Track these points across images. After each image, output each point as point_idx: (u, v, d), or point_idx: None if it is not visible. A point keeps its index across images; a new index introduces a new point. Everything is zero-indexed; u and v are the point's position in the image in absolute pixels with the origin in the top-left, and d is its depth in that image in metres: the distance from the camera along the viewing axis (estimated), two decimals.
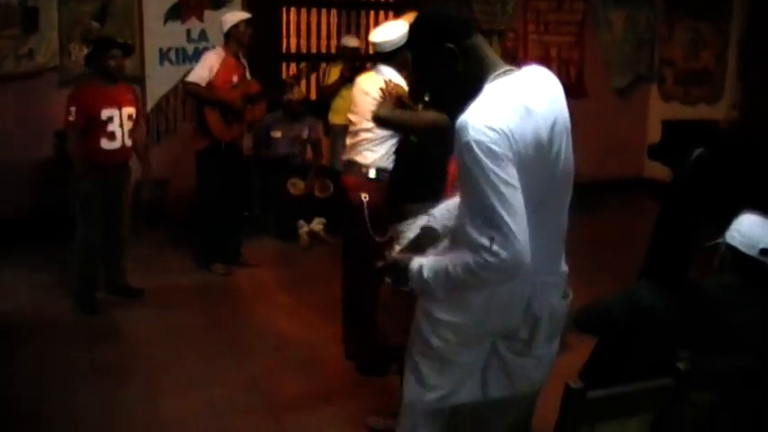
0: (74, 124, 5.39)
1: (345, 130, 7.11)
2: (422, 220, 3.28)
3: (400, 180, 3.72)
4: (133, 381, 4.58)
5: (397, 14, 8.34)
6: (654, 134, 8.86)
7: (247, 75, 6.43)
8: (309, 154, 7.57)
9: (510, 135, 2.23)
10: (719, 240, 3.23)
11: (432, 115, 3.57)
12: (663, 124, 7.60)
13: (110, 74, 5.45)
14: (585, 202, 4.68)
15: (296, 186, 7.26)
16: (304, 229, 7.18)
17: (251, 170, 7.07)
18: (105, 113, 5.41)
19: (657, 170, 8.45)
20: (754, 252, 3.08)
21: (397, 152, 3.79)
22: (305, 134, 7.43)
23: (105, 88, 5.46)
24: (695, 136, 7.14)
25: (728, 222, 3.24)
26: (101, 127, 5.41)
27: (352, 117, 4.65)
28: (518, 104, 2.30)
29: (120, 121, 5.47)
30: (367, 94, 4.45)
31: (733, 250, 3.14)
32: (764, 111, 8.20)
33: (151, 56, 7.38)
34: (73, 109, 5.38)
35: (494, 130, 2.21)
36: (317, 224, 7.23)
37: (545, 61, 8.96)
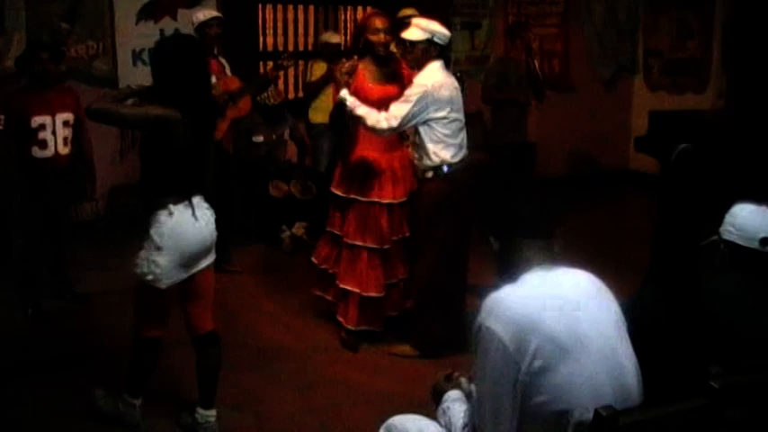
0: (2, 133, 5.18)
1: (328, 128, 6.96)
2: (178, 210, 3.53)
3: (154, 172, 3.69)
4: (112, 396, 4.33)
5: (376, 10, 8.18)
6: (639, 125, 8.73)
7: (227, 72, 6.22)
8: (291, 154, 7.34)
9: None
10: (714, 237, 3.06)
11: (157, 110, 3.53)
12: (650, 115, 7.44)
13: (40, 78, 5.21)
14: (571, 195, 4.44)
15: (278, 188, 7.04)
16: (286, 233, 6.96)
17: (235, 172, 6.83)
18: (36, 121, 5.18)
19: (643, 162, 8.33)
20: (754, 244, 2.94)
21: (146, 143, 3.80)
22: (286, 134, 7.22)
23: (38, 94, 5.21)
24: (683, 127, 7.01)
25: (722, 217, 3.08)
26: (31, 135, 5.18)
27: (455, 115, 4.68)
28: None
29: (53, 129, 5.24)
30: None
31: (731, 246, 2.99)
32: (750, 99, 8.11)
33: (123, 57, 7.17)
34: (2, 117, 5.17)
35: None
36: (299, 228, 6.99)
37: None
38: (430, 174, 4.72)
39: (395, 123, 4.55)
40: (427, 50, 4.62)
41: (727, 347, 2.69)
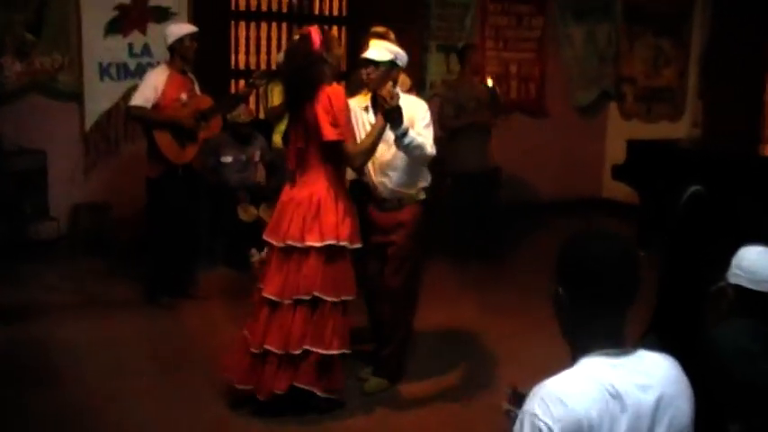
0: None
1: None
2: None
3: None
4: None
5: (350, 29, 8.05)
6: (613, 153, 8.68)
7: (197, 89, 6.01)
8: (260, 176, 7.13)
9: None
10: (721, 283, 2.96)
11: None
12: (628, 144, 7.38)
13: None
14: (544, 222, 4.16)
15: (247, 212, 6.83)
16: (256, 257, 6.74)
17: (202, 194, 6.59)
18: None
19: (617, 190, 8.27)
20: (762, 286, 2.84)
21: None
22: (257, 156, 7.02)
23: None
24: (661, 156, 6.96)
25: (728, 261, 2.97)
26: None
27: (428, 142, 4.37)
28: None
29: None
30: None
31: (738, 289, 2.88)
32: (725, 128, 8.07)
33: (90, 71, 6.97)
34: None
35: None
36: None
37: (504, 78, 8.75)
38: (423, 195, 4.59)
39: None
40: (389, 72, 4.43)
41: (743, 403, 2.58)
